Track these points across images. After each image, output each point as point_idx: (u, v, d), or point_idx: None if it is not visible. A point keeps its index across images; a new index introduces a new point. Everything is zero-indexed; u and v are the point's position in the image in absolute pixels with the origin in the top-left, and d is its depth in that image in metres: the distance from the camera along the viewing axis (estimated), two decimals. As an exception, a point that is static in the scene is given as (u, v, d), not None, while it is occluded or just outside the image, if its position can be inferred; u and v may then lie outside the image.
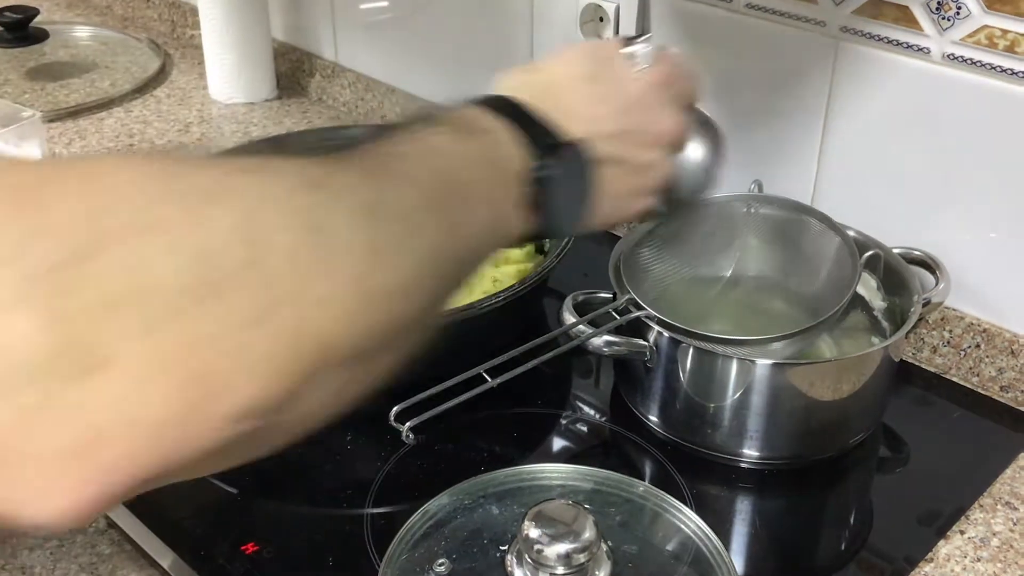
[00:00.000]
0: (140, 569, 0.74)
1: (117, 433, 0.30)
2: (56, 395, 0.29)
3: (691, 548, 0.67)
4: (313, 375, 0.35)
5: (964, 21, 0.86)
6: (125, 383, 0.30)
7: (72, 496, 0.30)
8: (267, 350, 0.33)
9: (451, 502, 0.69)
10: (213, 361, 0.32)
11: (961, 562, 0.75)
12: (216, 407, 0.32)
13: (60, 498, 0.30)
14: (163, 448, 0.31)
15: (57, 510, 0.31)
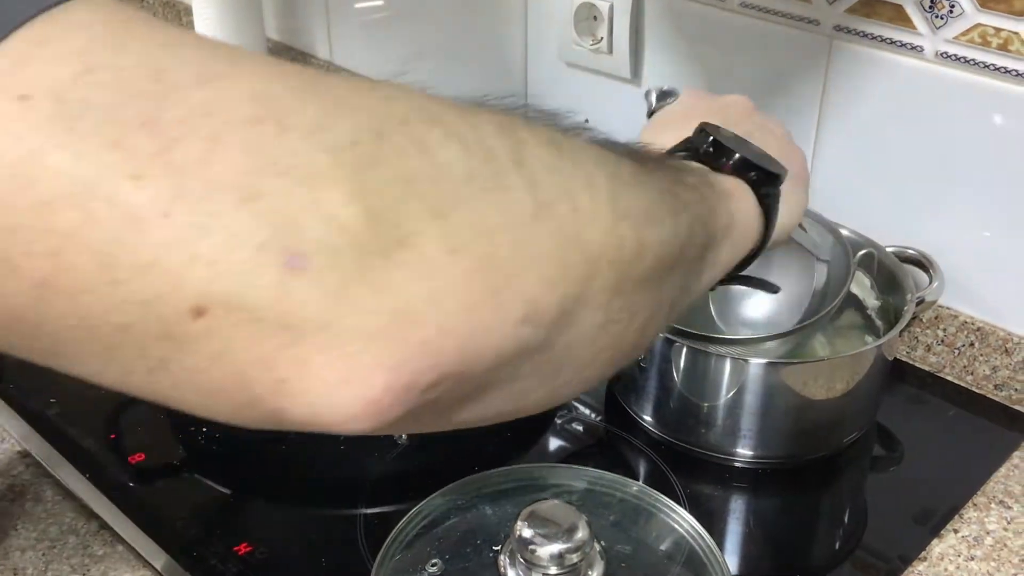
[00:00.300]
0: (133, 570, 0.74)
1: (422, 314, 0.29)
2: (365, 271, 0.28)
3: (684, 548, 0.67)
4: (584, 289, 0.35)
5: (957, 19, 0.86)
6: (426, 263, 0.29)
7: (374, 383, 0.29)
8: (546, 249, 0.33)
9: (444, 502, 0.69)
10: (501, 251, 0.31)
11: (955, 561, 0.75)
12: (507, 300, 0.31)
13: (361, 386, 0.29)
14: (462, 337, 0.30)
15: (355, 401, 0.29)
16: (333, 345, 0.28)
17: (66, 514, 0.79)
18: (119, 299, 0.27)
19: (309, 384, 0.29)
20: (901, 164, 0.94)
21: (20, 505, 0.80)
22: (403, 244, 0.29)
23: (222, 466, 0.84)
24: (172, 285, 0.27)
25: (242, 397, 0.29)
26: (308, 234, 0.28)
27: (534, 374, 0.35)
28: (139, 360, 0.29)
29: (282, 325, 0.28)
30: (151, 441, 0.86)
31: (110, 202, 0.26)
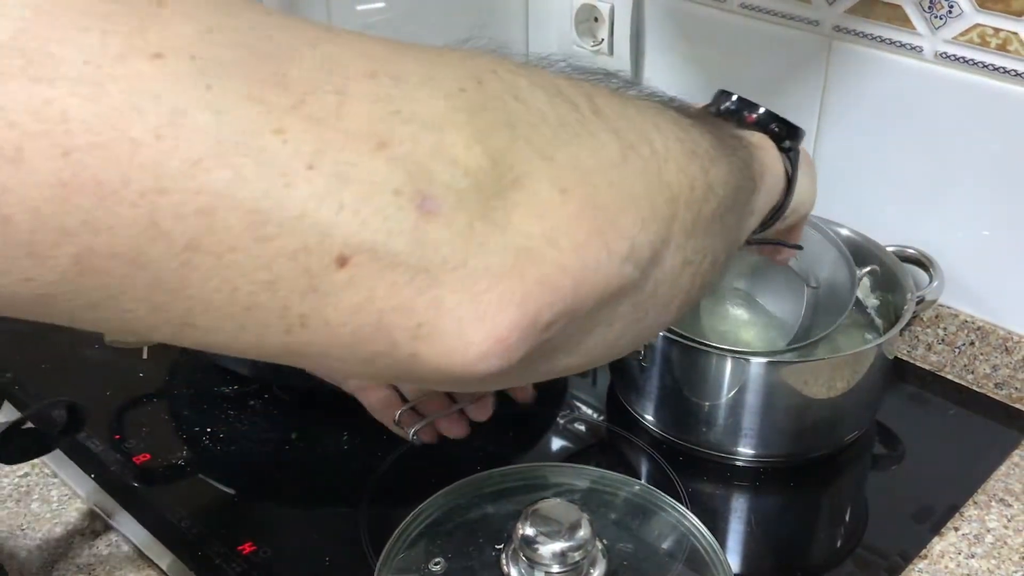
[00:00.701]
0: (138, 570, 0.74)
1: (541, 252, 0.30)
2: (488, 211, 0.29)
3: (686, 546, 0.67)
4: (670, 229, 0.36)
5: (956, 20, 0.87)
6: (540, 203, 0.30)
7: (504, 320, 0.30)
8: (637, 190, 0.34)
9: (447, 501, 0.69)
10: (601, 192, 0.32)
11: (955, 558, 0.76)
12: (612, 239, 0.32)
13: (491, 323, 0.30)
14: (575, 274, 0.31)
15: (487, 338, 0.30)
16: (465, 285, 0.29)
17: (71, 514, 0.79)
18: (268, 255, 0.27)
19: (444, 325, 0.30)
20: (900, 164, 0.94)
21: (26, 505, 0.80)
22: (518, 185, 0.30)
23: (226, 466, 0.84)
24: (320, 236, 0.27)
25: (379, 346, 0.30)
26: (437, 177, 0.29)
27: (626, 317, 0.36)
28: (278, 320, 0.29)
29: (419, 268, 0.29)
30: (156, 442, 0.86)
31: (257, 157, 0.27)
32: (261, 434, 0.87)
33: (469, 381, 0.31)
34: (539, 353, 0.33)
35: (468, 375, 0.30)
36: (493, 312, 0.30)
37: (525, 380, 0.36)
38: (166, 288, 0.28)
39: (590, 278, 0.32)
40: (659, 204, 0.35)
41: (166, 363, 0.96)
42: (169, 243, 0.27)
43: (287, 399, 0.91)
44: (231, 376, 0.93)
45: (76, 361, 0.96)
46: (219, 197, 0.26)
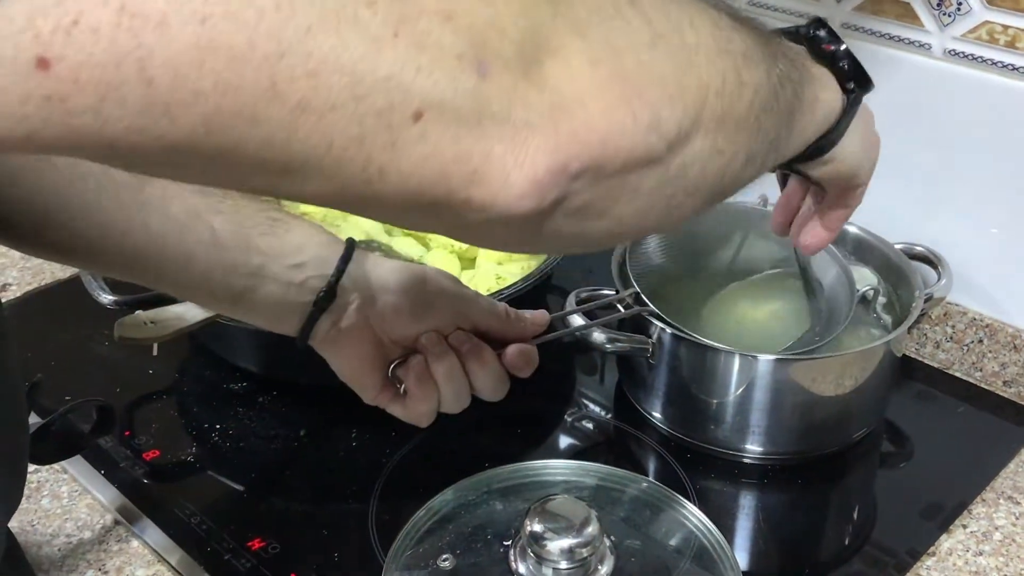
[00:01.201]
0: (148, 565, 0.75)
1: (572, 110, 0.35)
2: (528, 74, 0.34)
3: (694, 543, 0.67)
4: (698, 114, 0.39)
5: (965, 17, 0.86)
6: (572, 70, 0.35)
7: (541, 163, 0.35)
8: (665, 71, 0.38)
9: (455, 498, 0.70)
10: (630, 68, 0.37)
11: (963, 556, 0.76)
12: (637, 108, 0.37)
13: (528, 168, 0.34)
14: (602, 133, 0.36)
15: (525, 181, 0.35)
16: (509, 136, 0.34)
17: (81, 510, 0.80)
18: (360, 112, 0.31)
19: (493, 170, 0.34)
20: (909, 161, 0.94)
21: (36, 501, 0.80)
22: (553, 55, 0.35)
23: (235, 463, 0.85)
24: (404, 94, 0.32)
25: (439, 192, 0.35)
26: (490, 45, 0.33)
27: (654, 193, 0.40)
28: (360, 172, 0.33)
29: (476, 122, 0.33)
30: (165, 438, 0.87)
31: (355, 26, 0.30)
32: (270, 431, 0.88)
33: (509, 221, 0.36)
34: (570, 206, 0.37)
35: (509, 214, 0.35)
36: (531, 159, 0.35)
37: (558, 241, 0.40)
38: (274, 144, 0.31)
39: (615, 139, 0.36)
40: (688, 88, 0.39)
41: (176, 360, 0.96)
42: (283, 103, 0.30)
43: (296, 396, 0.91)
44: (240, 373, 0.93)
45: (86, 358, 0.96)
46: (324, 61, 0.30)
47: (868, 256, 0.92)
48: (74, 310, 1.00)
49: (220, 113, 0.30)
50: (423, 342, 0.64)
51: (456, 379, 0.64)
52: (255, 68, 0.29)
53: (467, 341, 0.65)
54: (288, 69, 0.30)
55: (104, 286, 0.86)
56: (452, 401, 0.65)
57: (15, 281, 1.09)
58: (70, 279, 1.07)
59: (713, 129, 0.41)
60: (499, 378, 0.66)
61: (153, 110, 0.29)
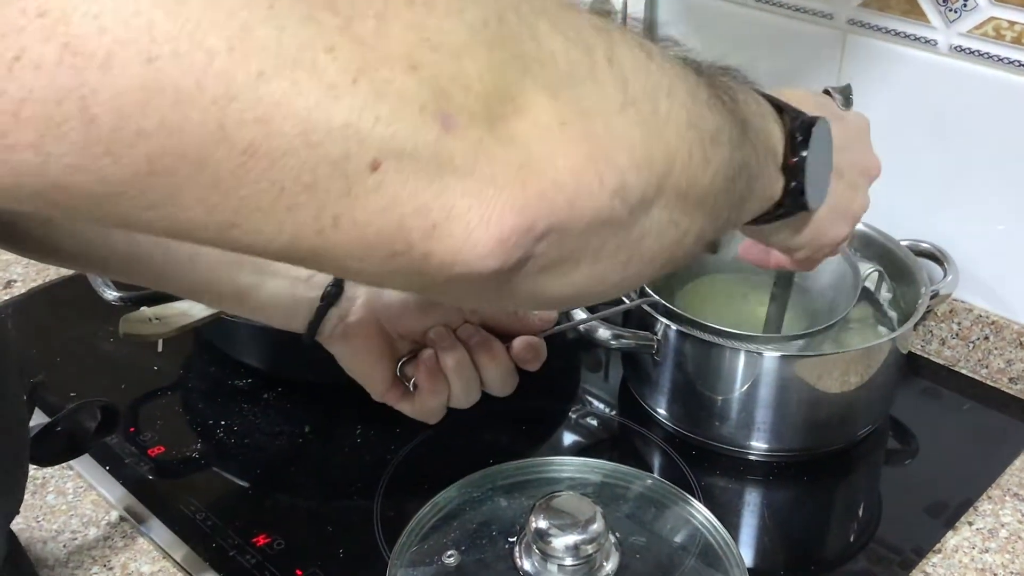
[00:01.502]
0: (153, 561, 0.75)
1: (541, 169, 0.35)
2: (495, 131, 0.33)
3: (699, 540, 0.67)
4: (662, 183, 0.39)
5: (971, 13, 0.86)
6: (541, 129, 0.35)
7: (505, 223, 0.34)
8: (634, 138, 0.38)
9: (460, 494, 0.70)
10: (599, 131, 0.36)
11: (969, 553, 0.76)
12: (604, 171, 0.36)
13: (495, 225, 0.34)
14: (569, 194, 0.35)
15: (490, 239, 0.34)
16: (474, 191, 0.33)
17: (87, 507, 0.80)
18: (314, 159, 0.31)
19: (455, 226, 0.34)
20: (915, 157, 0.94)
21: (42, 497, 0.81)
22: (521, 113, 0.34)
23: (240, 459, 0.85)
24: (359, 143, 0.31)
25: (398, 244, 0.34)
26: (455, 99, 0.32)
27: (612, 257, 0.40)
28: (313, 220, 0.32)
29: (437, 175, 0.33)
30: (170, 434, 0.87)
31: (311, 71, 0.30)
32: (275, 427, 0.88)
33: (470, 279, 0.35)
34: (532, 267, 0.37)
35: (470, 272, 0.35)
36: (497, 216, 0.34)
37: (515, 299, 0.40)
38: (222, 188, 0.31)
39: (582, 201, 0.36)
40: (654, 158, 0.39)
41: (181, 357, 0.96)
42: (231, 146, 0.30)
43: (301, 393, 0.91)
44: (245, 370, 0.93)
45: (91, 354, 0.96)
46: (277, 106, 0.30)
47: (873, 253, 0.92)
48: (79, 306, 1.00)
49: (165, 154, 0.29)
50: (432, 336, 0.64)
51: (466, 373, 0.64)
52: (202, 111, 0.29)
53: (476, 334, 0.65)
54: (237, 113, 0.29)
55: (109, 282, 0.86)
56: (462, 395, 0.65)
57: (20, 277, 1.09)
58: (75, 276, 1.07)
59: (673, 201, 0.41)
60: (509, 371, 0.66)
61: (95, 148, 0.29)
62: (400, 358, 0.65)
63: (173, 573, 0.74)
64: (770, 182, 0.53)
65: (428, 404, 0.65)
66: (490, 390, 0.66)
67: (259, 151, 0.30)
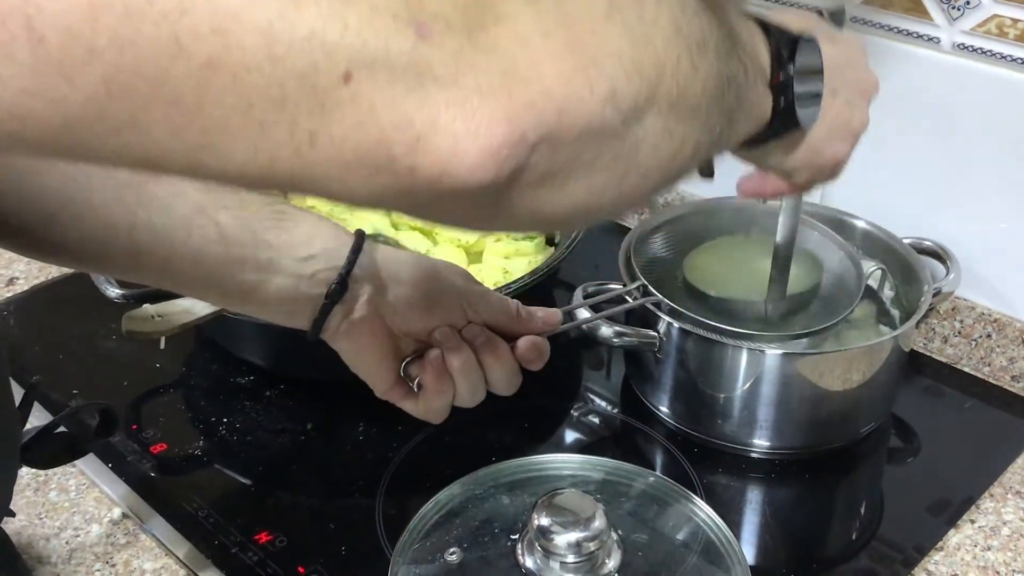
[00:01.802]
0: (155, 559, 0.75)
1: (527, 78, 0.33)
2: (474, 39, 0.32)
3: (701, 537, 0.67)
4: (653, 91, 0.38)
5: (974, 10, 0.86)
6: (522, 35, 0.33)
7: (493, 134, 0.33)
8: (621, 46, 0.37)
9: (462, 492, 0.70)
10: (585, 38, 0.35)
11: (971, 551, 0.76)
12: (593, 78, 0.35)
13: (483, 136, 0.33)
14: (559, 102, 0.34)
15: (480, 151, 0.33)
16: (458, 101, 0.32)
17: (89, 504, 0.80)
18: (279, 74, 0.30)
19: (440, 138, 0.32)
20: (917, 155, 0.94)
21: (44, 495, 0.81)
22: (501, 22, 0.33)
23: (242, 456, 0.85)
24: (326, 54, 0.30)
25: (380, 160, 0.33)
26: (429, 6, 0.31)
27: (607, 169, 0.39)
28: (288, 138, 0.31)
29: (416, 85, 0.31)
30: (173, 432, 0.87)
31: None
32: (277, 424, 0.88)
33: (462, 194, 0.34)
34: (526, 180, 0.35)
35: (462, 186, 0.33)
36: (485, 127, 0.33)
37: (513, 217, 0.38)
38: (185, 107, 0.30)
39: (572, 109, 0.35)
40: (643, 64, 0.38)
41: (183, 354, 0.96)
42: (188, 61, 0.29)
43: (303, 390, 0.91)
44: (247, 367, 0.93)
45: (93, 352, 0.96)
46: (234, 18, 0.29)
47: (876, 250, 0.92)
48: (81, 304, 1.00)
49: (120, 71, 0.28)
50: (438, 336, 0.64)
51: (472, 373, 0.64)
52: (154, 23, 0.28)
53: (481, 334, 0.64)
54: (192, 26, 0.28)
55: (112, 280, 0.86)
56: (467, 395, 0.65)
57: (22, 275, 1.09)
58: (78, 273, 1.07)
59: (666, 109, 0.39)
60: (514, 371, 0.66)
61: (47, 70, 0.28)
62: (404, 357, 0.65)
63: (175, 570, 0.74)
64: (759, 100, 0.52)
65: (434, 404, 0.64)
66: (495, 390, 0.66)
67: (219, 65, 0.29)
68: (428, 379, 0.64)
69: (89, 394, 0.89)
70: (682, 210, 0.95)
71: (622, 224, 1.20)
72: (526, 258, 1.01)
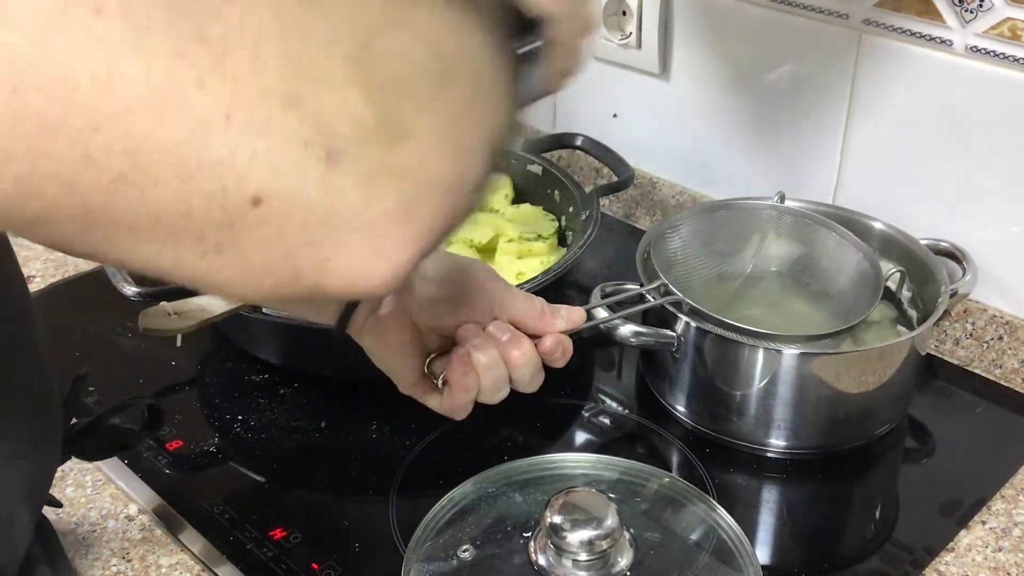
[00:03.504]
0: (171, 554, 0.76)
1: (428, 192, 0.35)
2: (383, 162, 0.33)
3: (713, 537, 0.68)
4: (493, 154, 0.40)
5: (987, 13, 0.86)
6: (424, 154, 0.35)
7: (399, 254, 0.35)
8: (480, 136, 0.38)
9: (475, 489, 0.70)
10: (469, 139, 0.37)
11: (982, 552, 0.76)
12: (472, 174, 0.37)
13: (390, 257, 0.35)
14: (451, 211, 0.36)
15: (386, 270, 0.35)
16: (366, 227, 0.33)
17: (105, 500, 0.81)
18: (187, 192, 0.31)
19: (349, 261, 0.34)
20: (931, 158, 0.94)
21: (60, 490, 0.81)
22: (405, 137, 0.34)
23: (257, 454, 0.85)
24: (236, 179, 0.31)
25: (286, 275, 0.34)
26: (339, 132, 0.32)
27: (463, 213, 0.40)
28: (195, 246, 0.32)
29: (326, 212, 0.33)
30: (188, 429, 0.87)
31: (180, 107, 0.30)
32: (291, 422, 0.88)
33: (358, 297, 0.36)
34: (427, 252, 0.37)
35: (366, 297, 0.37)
36: (393, 249, 0.34)
37: None
38: (95, 212, 0.31)
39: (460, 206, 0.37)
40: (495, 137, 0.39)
41: (198, 352, 0.97)
42: (99, 174, 0.30)
43: (317, 388, 0.92)
44: (262, 365, 0.94)
45: (110, 350, 0.97)
46: (144, 139, 0.30)
47: (894, 252, 0.92)
48: (97, 302, 1.01)
49: (33, 176, 0.30)
50: (464, 333, 0.64)
51: (497, 370, 0.64)
52: (69, 139, 0.29)
53: (507, 331, 0.64)
54: (104, 144, 0.29)
55: (128, 278, 0.87)
56: (491, 391, 0.64)
57: (39, 273, 1.10)
58: (93, 271, 1.08)
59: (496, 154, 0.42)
60: (537, 369, 0.66)
61: None
62: (429, 353, 0.65)
63: (191, 566, 0.75)
64: None
65: (458, 400, 0.64)
66: (518, 387, 0.66)
67: (128, 180, 0.30)
68: (453, 375, 0.64)
69: (105, 392, 0.90)
70: (695, 212, 0.96)
71: (633, 225, 1.20)
72: (539, 258, 1.01)
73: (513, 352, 0.65)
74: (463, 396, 0.64)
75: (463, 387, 0.64)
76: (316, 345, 0.88)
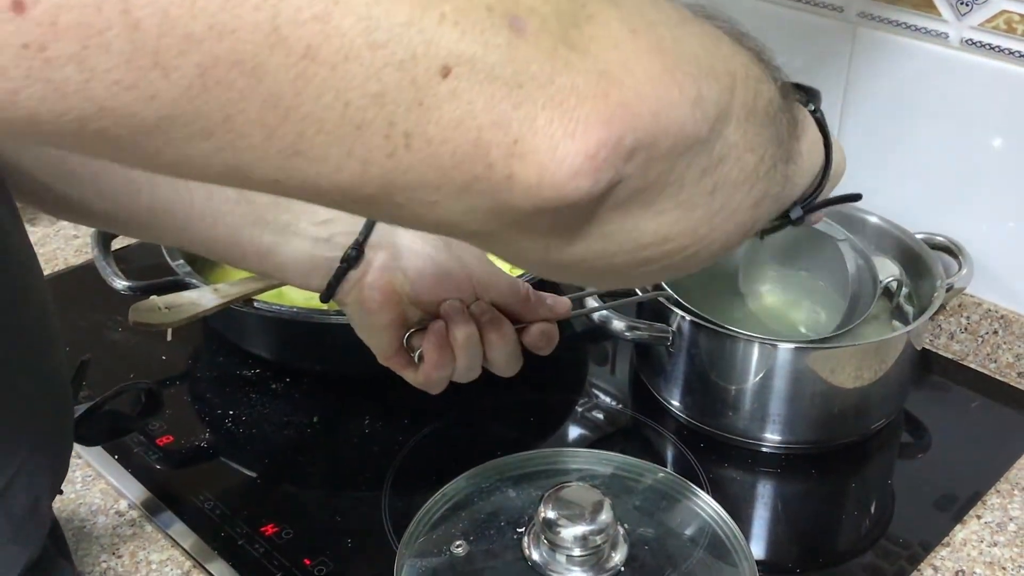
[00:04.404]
0: (162, 550, 0.75)
1: (620, 77, 0.32)
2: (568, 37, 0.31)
3: (708, 532, 0.67)
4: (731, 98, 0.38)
5: (982, 6, 0.86)
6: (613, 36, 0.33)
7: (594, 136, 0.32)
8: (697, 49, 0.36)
9: (468, 485, 0.70)
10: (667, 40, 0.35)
11: (977, 546, 0.76)
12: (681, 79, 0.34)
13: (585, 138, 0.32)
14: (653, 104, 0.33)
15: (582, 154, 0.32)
16: (555, 102, 0.31)
17: (95, 496, 0.80)
18: (378, 63, 0.29)
19: (538, 141, 0.31)
20: (926, 151, 0.94)
21: (50, 486, 0.81)
22: (592, 20, 0.32)
23: (248, 449, 0.85)
24: (426, 43, 0.29)
25: (477, 167, 0.32)
26: (523, 1, 0.31)
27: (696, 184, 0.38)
28: (383, 141, 0.30)
29: (513, 83, 0.31)
30: (179, 424, 0.87)
31: None
32: (283, 417, 0.88)
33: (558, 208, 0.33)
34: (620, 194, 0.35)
35: (560, 195, 0.32)
36: (582, 129, 0.32)
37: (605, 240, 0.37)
38: (281, 105, 0.29)
39: (665, 112, 0.34)
40: (718, 69, 0.37)
41: (189, 346, 0.96)
42: (287, 50, 0.28)
43: (309, 383, 0.91)
44: (254, 359, 0.93)
45: (100, 343, 0.96)
46: (334, 2, 0.28)
47: (889, 246, 0.92)
48: (87, 296, 1.00)
49: (217, 63, 0.27)
50: (446, 308, 0.64)
51: (473, 348, 0.64)
52: (254, 8, 0.27)
53: (488, 312, 0.64)
54: (293, 10, 0.27)
55: (118, 272, 0.86)
56: (465, 370, 0.65)
57: (29, 267, 1.09)
58: (83, 265, 1.07)
59: (743, 119, 0.39)
60: (514, 353, 0.65)
61: (142, 60, 0.26)
62: (410, 326, 0.65)
63: (181, 562, 0.74)
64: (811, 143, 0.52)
65: (432, 375, 0.64)
66: (494, 369, 0.66)
67: (319, 55, 0.28)
68: (429, 350, 0.63)
69: (96, 386, 0.89)
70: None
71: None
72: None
73: (492, 333, 0.64)
74: (437, 372, 0.64)
75: (438, 363, 0.64)
76: (308, 340, 0.88)
